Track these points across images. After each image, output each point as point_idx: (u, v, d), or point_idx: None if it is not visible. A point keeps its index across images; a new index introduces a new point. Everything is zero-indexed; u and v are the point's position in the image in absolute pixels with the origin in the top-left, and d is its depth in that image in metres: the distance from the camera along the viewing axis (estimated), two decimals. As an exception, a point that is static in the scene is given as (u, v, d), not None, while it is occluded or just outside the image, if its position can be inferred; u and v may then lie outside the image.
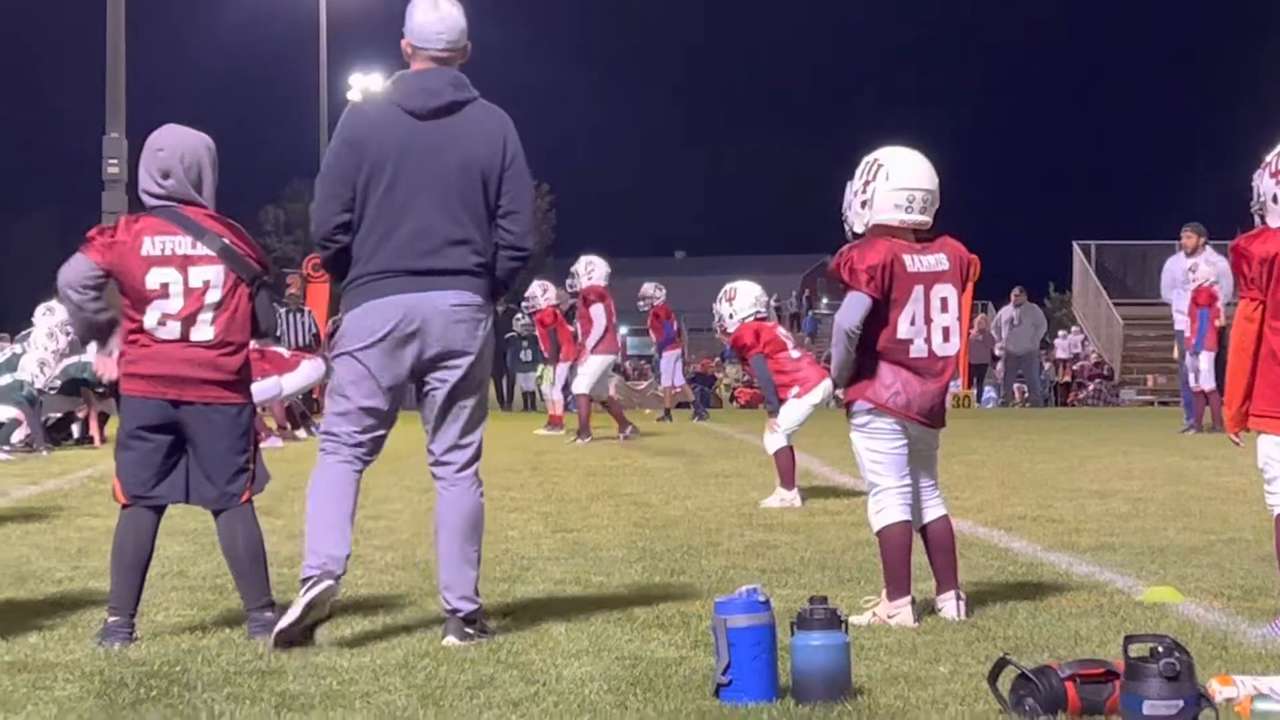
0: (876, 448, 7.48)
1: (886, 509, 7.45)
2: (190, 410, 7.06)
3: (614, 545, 10.30)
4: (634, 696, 5.84)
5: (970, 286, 31.51)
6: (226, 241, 7.12)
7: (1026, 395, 39.28)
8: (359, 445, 7.13)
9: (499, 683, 6.10)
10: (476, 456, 7.19)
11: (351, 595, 8.21)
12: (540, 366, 37.91)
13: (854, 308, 7.35)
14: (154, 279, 7.03)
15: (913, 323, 7.38)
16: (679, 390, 31.70)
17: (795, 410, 13.45)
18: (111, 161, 37.64)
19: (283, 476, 15.55)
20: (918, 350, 7.41)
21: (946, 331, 7.46)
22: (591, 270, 22.96)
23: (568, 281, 23.95)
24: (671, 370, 29.86)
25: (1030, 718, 5.42)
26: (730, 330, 13.94)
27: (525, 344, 37.80)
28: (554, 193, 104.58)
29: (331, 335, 26.15)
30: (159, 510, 7.17)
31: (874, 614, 7.36)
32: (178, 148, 7.17)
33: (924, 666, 6.35)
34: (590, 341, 22.51)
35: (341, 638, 7.01)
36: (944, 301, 7.44)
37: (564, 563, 9.49)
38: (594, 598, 8.05)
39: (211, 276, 7.08)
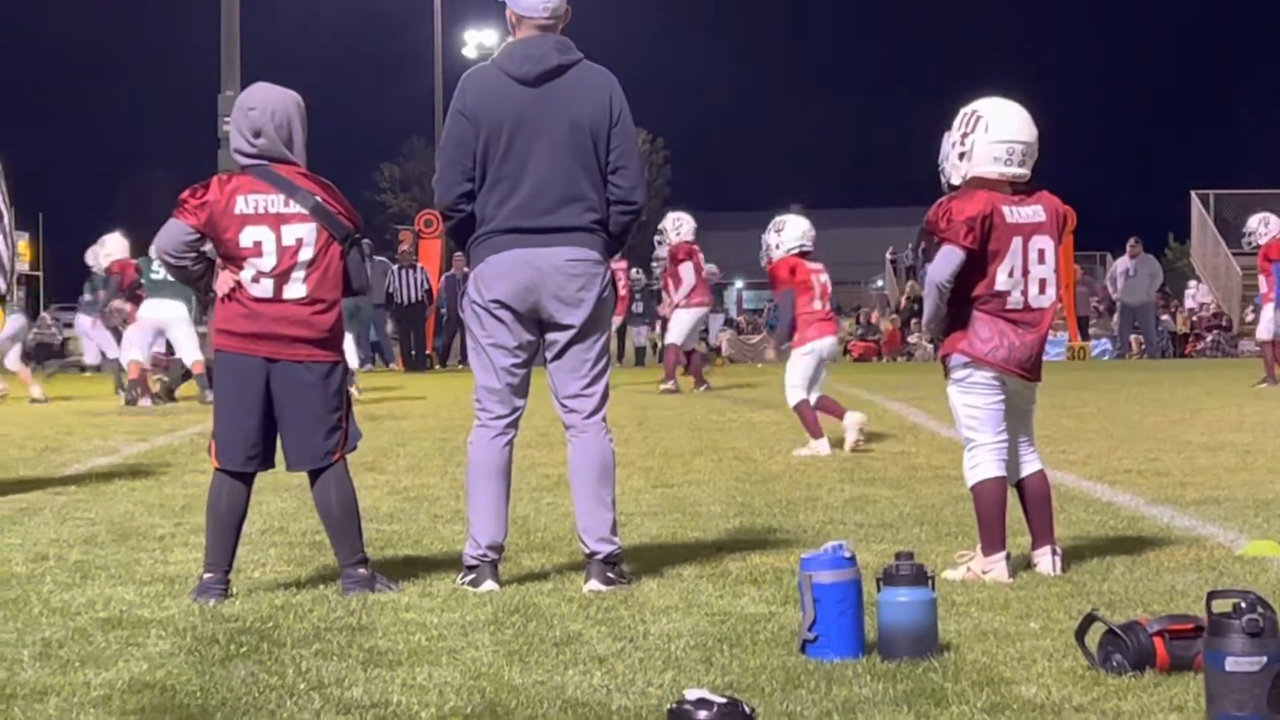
0: (973, 402, 7.41)
1: (981, 464, 7.39)
2: (283, 368, 7.10)
3: (713, 500, 10.29)
4: (720, 652, 5.82)
5: (1069, 238, 31.56)
6: (319, 199, 7.15)
7: (1143, 346, 38.89)
8: (509, 411, 7.38)
9: (586, 639, 6.11)
10: (603, 404, 7.40)
11: (445, 550, 8.25)
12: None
13: (946, 261, 7.29)
14: (247, 237, 7.08)
15: (1011, 274, 7.31)
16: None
17: (797, 363, 14.11)
18: (226, 120, 37.95)
19: (387, 433, 15.72)
20: (1014, 302, 7.33)
21: (1043, 283, 7.38)
22: (680, 226, 23.40)
23: (655, 239, 24.12)
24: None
25: (1118, 674, 5.36)
26: (774, 259, 14.31)
27: (637, 297, 37.76)
28: (669, 147, 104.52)
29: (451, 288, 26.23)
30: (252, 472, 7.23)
31: (968, 569, 7.31)
32: (268, 106, 7.20)
33: (1014, 622, 6.29)
34: (679, 297, 22.86)
35: (433, 594, 7.04)
36: (1041, 253, 7.36)
37: (661, 518, 9.49)
38: (688, 553, 8.04)
39: (304, 234, 7.11)
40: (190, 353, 21.37)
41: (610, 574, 7.19)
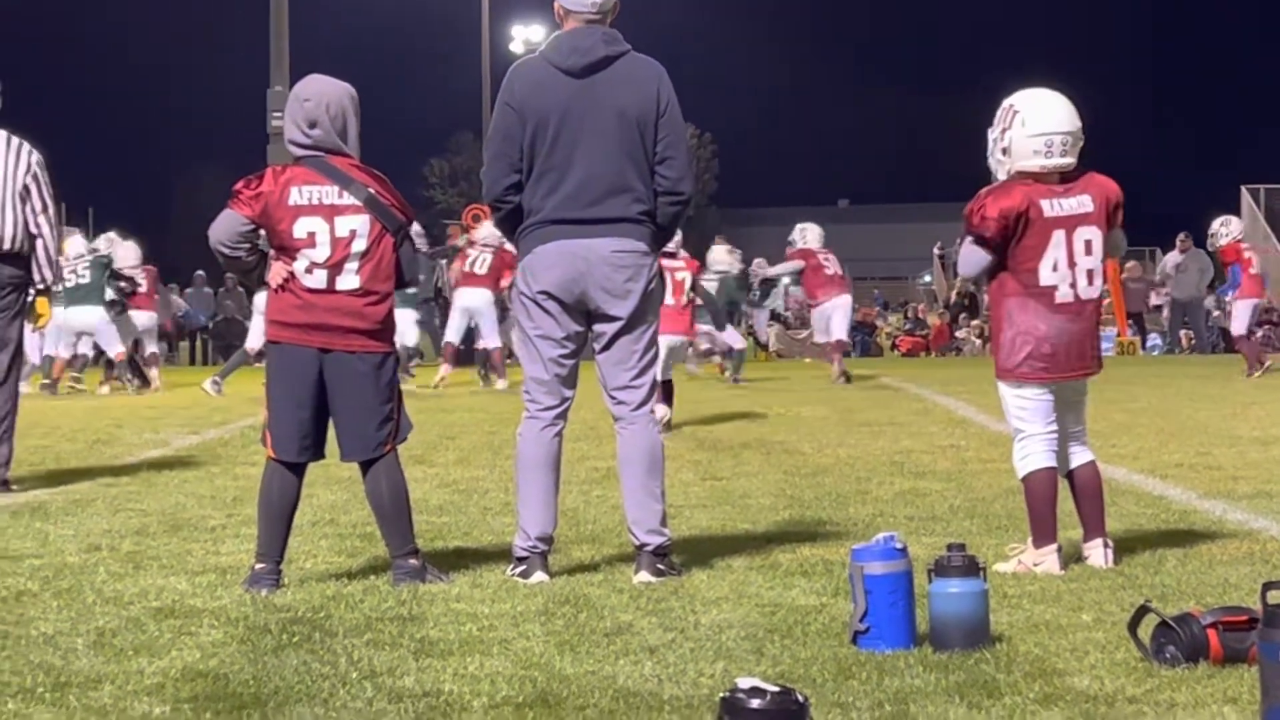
0: (1023, 394, 7.39)
1: (1031, 455, 7.37)
2: (335, 358, 7.12)
3: (762, 493, 10.29)
4: (771, 643, 5.82)
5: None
6: (372, 191, 7.17)
7: (1193, 341, 38.69)
8: (558, 402, 7.38)
9: (637, 629, 6.11)
10: (651, 395, 7.40)
11: (495, 542, 8.26)
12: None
13: (968, 255, 7.38)
14: (301, 228, 7.10)
15: (1055, 268, 7.28)
16: None
17: None
18: (276, 115, 38.00)
19: (436, 426, 15.75)
20: (1063, 295, 7.30)
21: (1090, 274, 7.35)
22: (805, 234, 24.89)
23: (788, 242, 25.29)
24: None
25: (1171, 665, 5.33)
26: None
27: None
28: (716, 142, 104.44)
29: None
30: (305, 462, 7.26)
31: (1019, 562, 7.29)
32: (323, 97, 7.22)
33: (1066, 614, 6.27)
34: None
35: (484, 585, 7.06)
36: (1088, 244, 7.32)
37: (711, 510, 9.49)
38: (738, 545, 8.04)
39: (357, 226, 7.13)
40: (114, 345, 24.13)
41: (660, 565, 7.20)
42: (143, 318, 25.81)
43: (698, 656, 5.64)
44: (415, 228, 11.33)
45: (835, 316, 24.43)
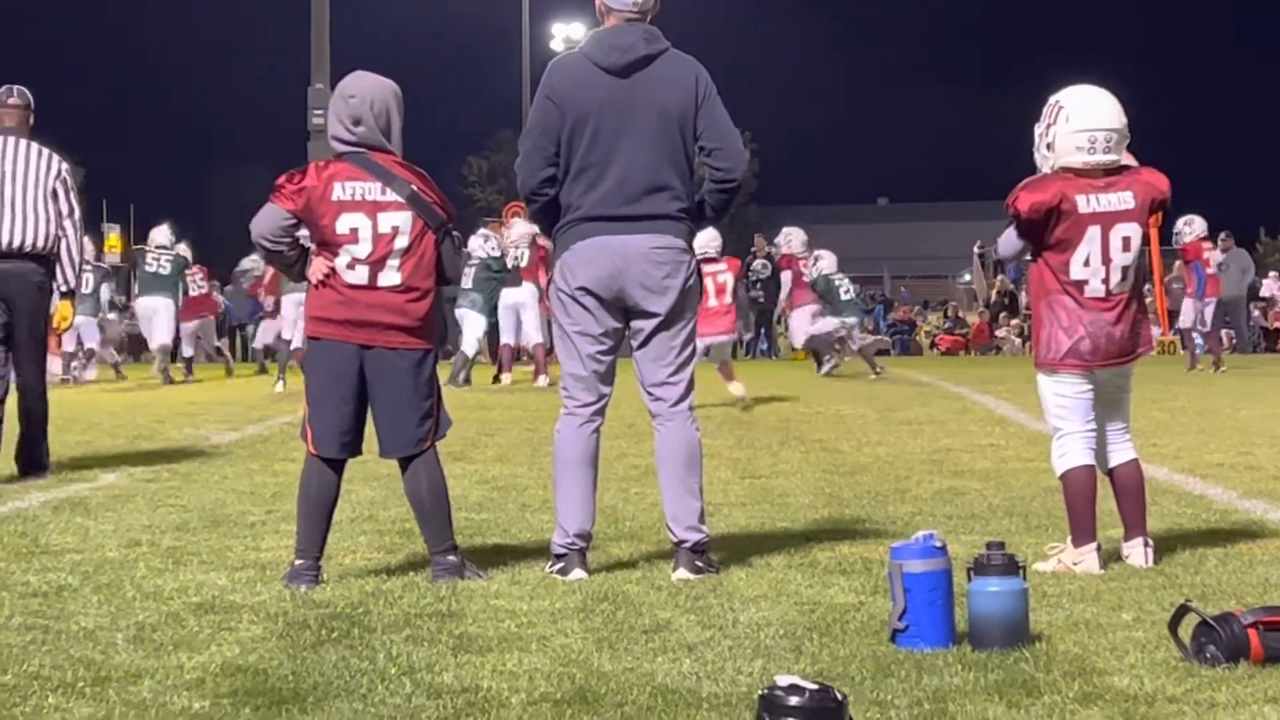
0: (1062, 391, 7.38)
1: (1070, 453, 7.35)
2: (376, 355, 7.13)
3: (801, 491, 10.28)
4: (810, 641, 5.81)
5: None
6: (414, 188, 7.17)
7: (1234, 341, 38.50)
8: (596, 399, 7.40)
9: (675, 626, 6.11)
10: (689, 392, 7.41)
11: (534, 539, 8.27)
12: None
13: (1005, 239, 7.49)
14: (344, 224, 7.11)
15: (1087, 264, 7.27)
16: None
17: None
18: (317, 112, 38.09)
19: (475, 423, 15.77)
20: (1093, 290, 7.30)
21: (1125, 270, 7.33)
22: (789, 240, 26.63)
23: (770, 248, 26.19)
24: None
25: (1211, 665, 5.31)
26: None
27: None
28: (756, 140, 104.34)
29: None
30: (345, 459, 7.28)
31: (1059, 561, 7.27)
32: (367, 94, 7.23)
33: (1106, 613, 6.25)
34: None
35: (522, 581, 7.06)
36: (1126, 241, 7.30)
37: (749, 508, 9.48)
38: (776, 543, 8.03)
39: (400, 222, 7.13)
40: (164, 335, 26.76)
41: (698, 562, 7.19)
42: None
43: (736, 654, 5.63)
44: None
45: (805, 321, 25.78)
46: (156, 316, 26.69)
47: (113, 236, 59.95)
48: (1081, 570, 7.14)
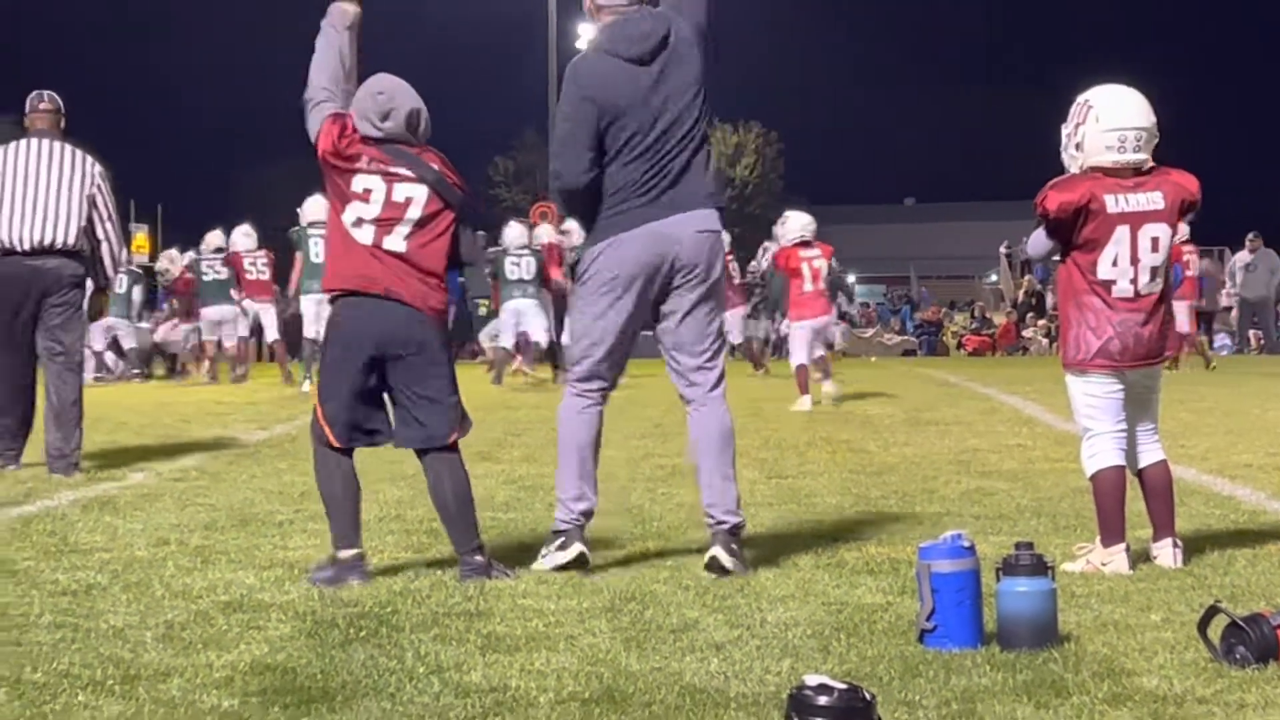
0: (1091, 391, 7.37)
1: (1100, 453, 7.34)
2: (393, 338, 7.16)
3: (828, 491, 10.27)
4: (837, 641, 5.81)
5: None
6: (437, 169, 7.22)
7: (1262, 341, 38.41)
8: (599, 386, 7.44)
9: (703, 626, 6.11)
10: (722, 378, 7.45)
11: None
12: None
13: (1035, 239, 7.51)
14: (359, 183, 7.18)
15: (1115, 263, 7.25)
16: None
17: (796, 331, 18.99)
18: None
19: (502, 423, 15.77)
20: (1121, 290, 7.28)
21: (1154, 271, 7.32)
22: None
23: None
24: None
25: (1241, 666, 5.30)
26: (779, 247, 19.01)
27: (756, 292, 38.09)
28: (783, 140, 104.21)
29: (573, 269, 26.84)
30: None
31: (1088, 561, 7.25)
32: (395, 92, 7.24)
33: (1135, 614, 6.24)
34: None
35: (550, 581, 7.06)
36: (1154, 241, 7.29)
37: (776, 508, 9.47)
38: (804, 543, 8.01)
39: (415, 194, 7.17)
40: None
41: (733, 545, 7.20)
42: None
43: (764, 654, 5.63)
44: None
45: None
46: (225, 325, 27.16)
47: (140, 236, 60.06)
48: (1110, 571, 7.12)
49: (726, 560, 7.10)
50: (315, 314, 22.25)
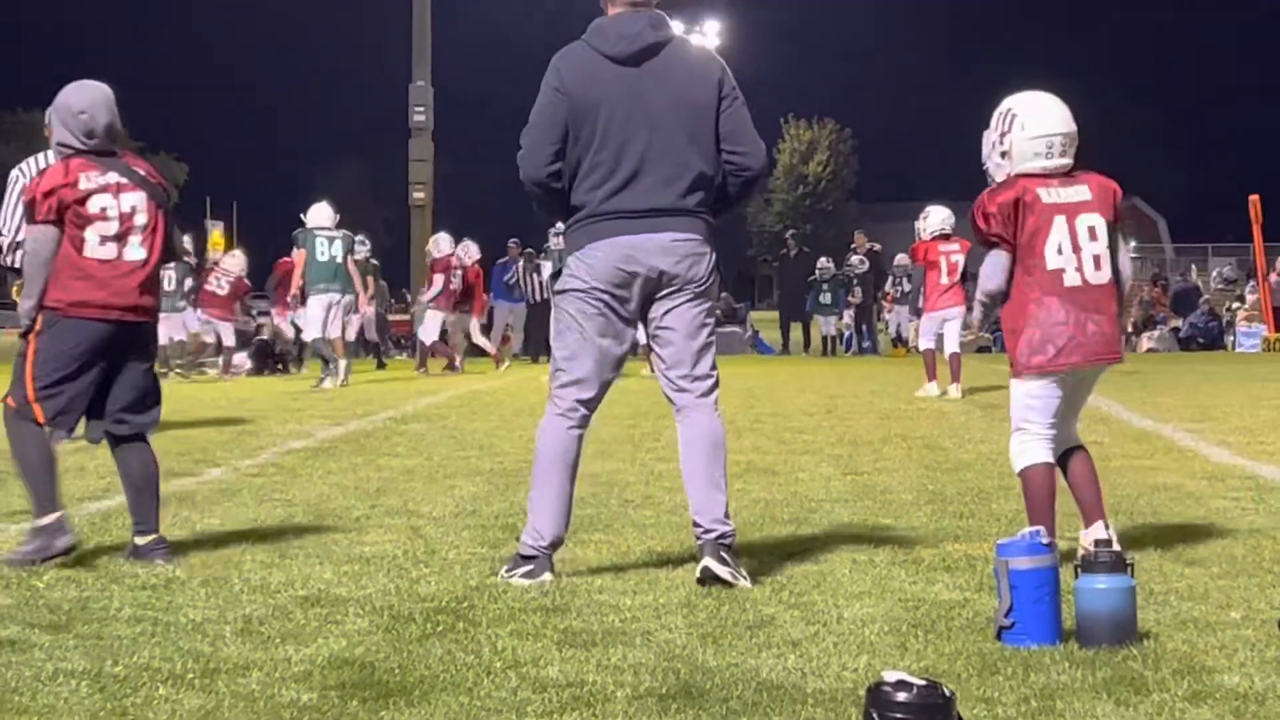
0: (1034, 393, 7.29)
1: (1029, 450, 7.29)
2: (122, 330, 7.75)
3: (903, 488, 10.23)
4: (915, 638, 5.79)
5: (1256, 228, 33.21)
6: (143, 173, 7.78)
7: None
8: (582, 403, 7.16)
9: (779, 622, 6.10)
10: (715, 386, 7.20)
11: (637, 534, 8.28)
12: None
13: (994, 267, 7.25)
14: (94, 204, 7.59)
15: (1060, 251, 7.19)
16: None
17: (926, 321, 20.22)
18: (418, 109, 38.32)
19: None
20: (1071, 279, 7.19)
21: (1097, 259, 7.23)
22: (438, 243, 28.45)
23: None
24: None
25: (1323, 665, 5.26)
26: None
27: (825, 287, 38.12)
28: (856, 137, 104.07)
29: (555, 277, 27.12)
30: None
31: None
32: (95, 106, 7.70)
33: (1215, 612, 6.20)
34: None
35: (626, 576, 7.07)
36: (1091, 230, 7.24)
37: (852, 505, 9.45)
38: (880, 540, 7.99)
39: (137, 202, 7.68)
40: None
41: (724, 554, 6.90)
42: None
43: (840, 650, 5.62)
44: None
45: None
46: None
47: (215, 233, 60.46)
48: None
49: (720, 570, 6.82)
50: (320, 315, 23.14)
